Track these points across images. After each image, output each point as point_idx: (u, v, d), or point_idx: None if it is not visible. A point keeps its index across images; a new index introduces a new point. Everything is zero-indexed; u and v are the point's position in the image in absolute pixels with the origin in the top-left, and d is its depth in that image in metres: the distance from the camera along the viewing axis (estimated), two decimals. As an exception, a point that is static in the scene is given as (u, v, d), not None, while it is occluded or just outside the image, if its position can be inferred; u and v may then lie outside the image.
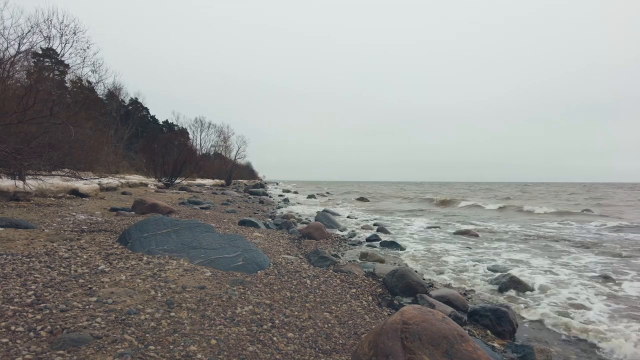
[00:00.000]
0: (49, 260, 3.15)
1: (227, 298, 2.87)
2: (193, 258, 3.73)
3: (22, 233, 4.04)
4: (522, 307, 3.87)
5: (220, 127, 47.20)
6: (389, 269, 4.43)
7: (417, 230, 10.00)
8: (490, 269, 5.46)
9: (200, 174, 29.74)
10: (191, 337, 2.17)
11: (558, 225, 11.75)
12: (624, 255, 6.66)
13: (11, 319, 2.05)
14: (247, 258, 3.90)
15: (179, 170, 19.40)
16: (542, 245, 7.81)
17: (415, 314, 1.90)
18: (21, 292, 2.42)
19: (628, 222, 12.00)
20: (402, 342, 1.79)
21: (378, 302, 3.55)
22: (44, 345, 1.86)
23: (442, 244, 7.69)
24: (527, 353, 2.72)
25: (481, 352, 1.78)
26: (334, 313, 2.99)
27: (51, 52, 13.44)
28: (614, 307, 3.88)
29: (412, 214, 15.43)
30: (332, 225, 9.26)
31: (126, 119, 30.70)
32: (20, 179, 6.78)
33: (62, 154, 7.46)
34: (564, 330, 3.32)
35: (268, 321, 2.59)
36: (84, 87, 15.90)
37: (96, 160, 12.25)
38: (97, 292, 2.57)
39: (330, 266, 4.56)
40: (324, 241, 6.71)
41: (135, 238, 4.01)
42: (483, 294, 4.30)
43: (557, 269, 5.55)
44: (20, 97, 6.52)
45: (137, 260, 3.46)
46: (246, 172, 59.32)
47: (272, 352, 2.18)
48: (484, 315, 3.33)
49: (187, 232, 4.26)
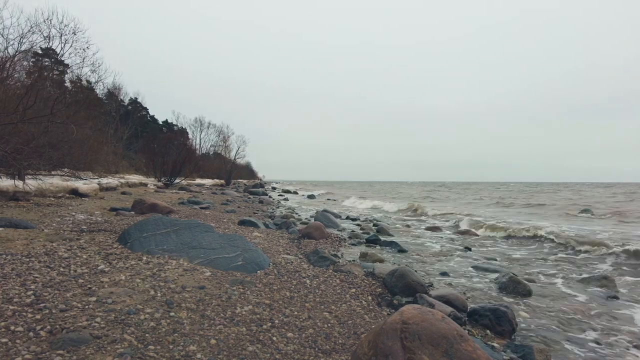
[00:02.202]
0: (48, 260, 3.15)
1: (227, 298, 2.87)
2: (193, 258, 3.73)
3: (22, 233, 4.03)
4: (522, 307, 3.87)
5: (220, 127, 47.18)
6: (389, 268, 4.43)
7: (417, 230, 10.00)
8: (490, 269, 5.46)
9: (199, 173, 29.73)
10: (191, 337, 2.17)
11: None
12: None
13: (11, 319, 2.05)
14: (246, 258, 3.90)
15: (178, 170, 19.40)
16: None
17: (414, 314, 1.90)
18: (20, 292, 2.42)
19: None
20: (401, 341, 1.79)
21: (378, 301, 3.55)
22: (44, 345, 1.86)
23: (442, 243, 7.70)
24: (526, 353, 2.72)
25: (481, 351, 1.78)
26: (334, 313, 2.99)
27: (51, 51, 13.43)
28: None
29: (411, 214, 15.42)
30: (331, 225, 9.25)
31: (126, 119, 30.69)
32: (19, 178, 6.77)
33: (61, 153, 7.46)
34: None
35: (268, 321, 2.59)
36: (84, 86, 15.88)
37: (96, 160, 12.24)
38: (97, 292, 2.57)
39: (330, 266, 4.56)
40: (323, 241, 6.70)
41: (135, 238, 4.01)
42: (483, 294, 4.30)
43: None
44: (21, 96, 6.51)
45: (136, 260, 3.46)
46: (246, 172, 59.31)
47: (271, 352, 2.18)
48: (484, 315, 3.33)
49: (187, 232, 4.26)
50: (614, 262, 6.26)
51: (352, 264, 4.86)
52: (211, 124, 45.30)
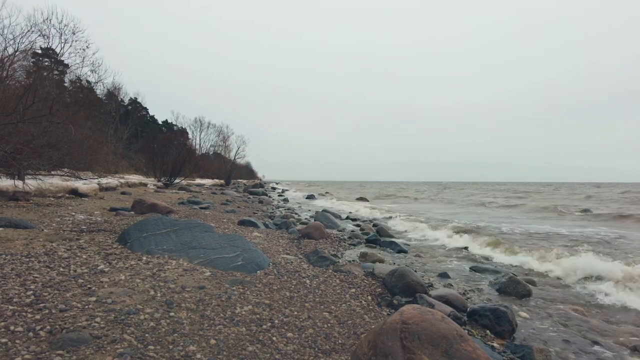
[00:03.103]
0: (48, 260, 3.15)
1: (227, 298, 2.87)
2: (192, 258, 3.73)
3: (21, 233, 4.03)
4: (522, 307, 3.87)
5: (220, 127, 47.14)
6: (389, 268, 4.43)
7: (417, 230, 10.00)
8: (489, 270, 5.46)
9: (199, 173, 29.73)
10: (190, 337, 2.17)
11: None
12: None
13: (10, 319, 2.05)
14: (246, 258, 3.90)
15: (178, 170, 19.39)
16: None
17: (414, 314, 1.90)
18: (20, 292, 2.42)
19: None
20: (401, 342, 1.79)
21: (377, 301, 3.55)
22: (43, 345, 1.85)
23: (441, 243, 7.70)
24: (526, 353, 2.72)
25: (480, 351, 1.78)
26: (334, 313, 2.99)
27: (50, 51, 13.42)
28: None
29: (411, 215, 15.42)
30: (331, 225, 9.25)
31: (125, 119, 30.68)
32: (19, 178, 6.77)
33: (61, 153, 7.45)
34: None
35: (267, 321, 2.59)
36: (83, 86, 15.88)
37: (95, 160, 12.22)
38: (97, 292, 2.57)
39: (330, 266, 4.56)
40: (323, 241, 6.71)
41: (135, 238, 4.01)
42: (482, 294, 4.30)
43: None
44: (20, 96, 6.51)
45: (136, 260, 3.46)
46: (245, 172, 59.31)
47: (271, 352, 2.18)
48: (484, 315, 3.33)
49: (187, 232, 4.26)
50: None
51: (352, 264, 4.86)
52: (211, 124, 45.27)
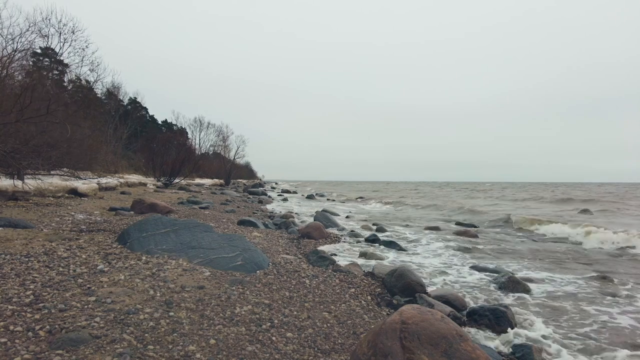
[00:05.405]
0: (47, 260, 3.14)
1: (226, 298, 2.87)
2: (192, 258, 3.73)
3: (21, 233, 4.03)
4: (521, 307, 3.88)
5: (220, 126, 47.08)
6: (388, 268, 4.43)
7: (417, 230, 10.01)
8: (489, 269, 5.47)
9: (199, 173, 29.72)
10: (190, 336, 2.17)
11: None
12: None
13: (10, 319, 2.05)
14: (246, 258, 3.90)
15: (177, 170, 19.38)
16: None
17: (414, 314, 1.90)
18: (20, 292, 2.42)
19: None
20: (401, 341, 1.79)
21: (377, 301, 3.55)
22: (43, 345, 1.85)
23: (441, 243, 7.70)
24: (525, 352, 2.72)
25: (480, 351, 1.79)
26: (333, 313, 2.99)
27: (50, 51, 13.40)
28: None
29: (411, 214, 15.43)
30: (331, 224, 9.25)
31: (125, 119, 30.62)
32: (18, 178, 6.76)
33: (60, 153, 7.44)
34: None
35: (267, 321, 2.59)
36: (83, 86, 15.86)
37: (95, 160, 12.20)
38: (96, 292, 2.57)
39: (329, 266, 4.56)
40: (323, 241, 6.71)
41: (134, 238, 4.01)
42: (482, 294, 4.31)
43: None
44: (18, 95, 6.49)
45: (136, 260, 3.46)
46: (245, 172, 59.28)
47: (271, 352, 2.18)
48: (483, 314, 3.34)
49: (186, 231, 4.26)
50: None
51: (351, 264, 4.86)
52: (210, 123, 45.19)
